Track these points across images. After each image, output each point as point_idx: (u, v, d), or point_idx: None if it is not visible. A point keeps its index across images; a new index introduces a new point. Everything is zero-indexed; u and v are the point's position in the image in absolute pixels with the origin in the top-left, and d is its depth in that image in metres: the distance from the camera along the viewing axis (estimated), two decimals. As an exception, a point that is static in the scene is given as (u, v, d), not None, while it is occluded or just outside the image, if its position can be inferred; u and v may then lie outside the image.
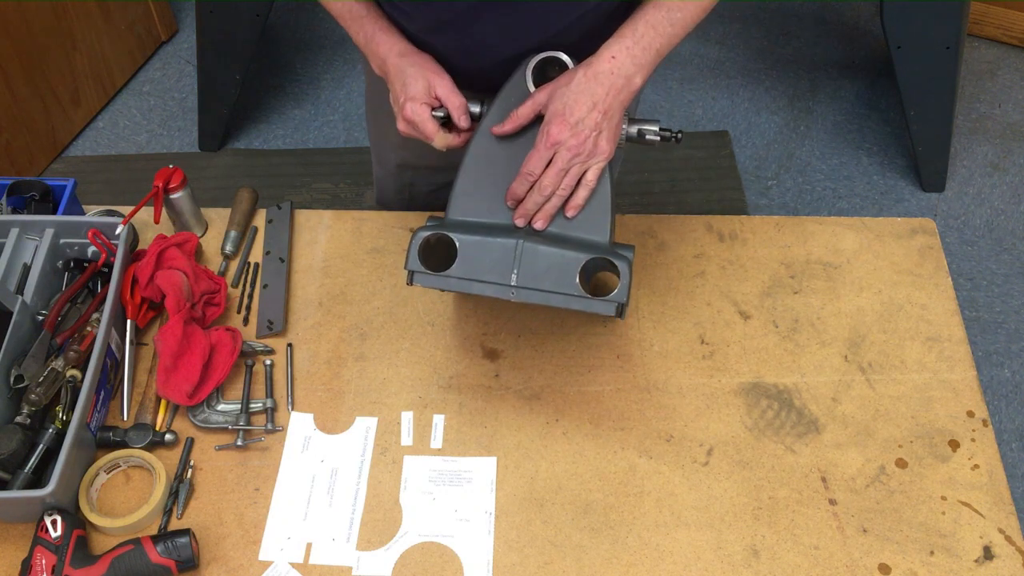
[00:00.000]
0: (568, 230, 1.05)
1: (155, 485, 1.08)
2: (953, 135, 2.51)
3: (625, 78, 1.02)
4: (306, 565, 1.06)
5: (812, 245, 1.36)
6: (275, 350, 1.24)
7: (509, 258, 1.01)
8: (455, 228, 1.04)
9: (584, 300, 1.01)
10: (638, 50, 1.02)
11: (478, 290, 1.02)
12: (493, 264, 1.01)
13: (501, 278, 1.01)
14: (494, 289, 1.02)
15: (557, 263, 1.01)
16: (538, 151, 1.02)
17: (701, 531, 1.08)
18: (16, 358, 1.13)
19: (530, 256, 1.01)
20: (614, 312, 1.00)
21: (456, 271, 1.02)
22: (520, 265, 1.01)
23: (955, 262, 2.37)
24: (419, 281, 1.04)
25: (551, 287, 1.01)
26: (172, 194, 1.30)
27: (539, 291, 1.01)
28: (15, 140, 2.45)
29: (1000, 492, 1.11)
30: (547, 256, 1.01)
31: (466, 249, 1.02)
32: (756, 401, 1.20)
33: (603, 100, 1.01)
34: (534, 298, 1.01)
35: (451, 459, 1.15)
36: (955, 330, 1.26)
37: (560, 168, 1.02)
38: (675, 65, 2.89)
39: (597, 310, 1.01)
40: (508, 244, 1.01)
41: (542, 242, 1.02)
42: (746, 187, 2.54)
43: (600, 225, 1.05)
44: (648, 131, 1.09)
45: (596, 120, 1.01)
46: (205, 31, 2.45)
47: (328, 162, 2.63)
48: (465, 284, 1.02)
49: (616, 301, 1.00)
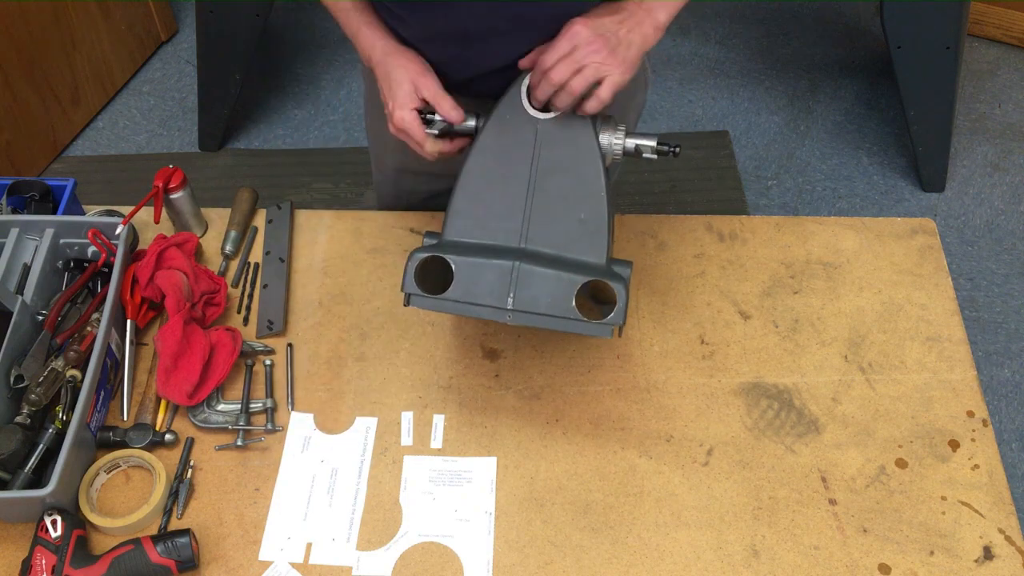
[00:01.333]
0: (564, 251, 1.04)
1: (155, 485, 1.08)
2: (953, 135, 2.51)
3: (647, 10, 1.02)
4: (306, 565, 1.06)
5: (812, 245, 1.36)
6: (275, 350, 1.24)
7: (506, 280, 1.01)
8: (452, 249, 1.03)
9: (581, 324, 1.00)
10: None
11: (475, 313, 1.02)
12: (490, 287, 1.01)
13: (498, 301, 1.01)
14: (491, 312, 1.01)
15: (553, 285, 1.00)
16: (556, 46, 1.00)
17: (701, 531, 1.08)
18: (16, 358, 1.13)
19: (526, 278, 1.01)
20: (611, 334, 1.00)
21: (452, 294, 1.02)
22: (516, 288, 1.01)
23: (955, 262, 2.37)
24: (416, 303, 1.03)
25: (547, 310, 1.01)
26: (172, 194, 1.30)
27: (535, 314, 1.01)
28: (15, 140, 2.45)
29: (1000, 492, 1.11)
30: (543, 278, 1.01)
31: (462, 271, 1.02)
32: (756, 401, 1.20)
33: (628, 19, 1.01)
34: (530, 321, 1.01)
35: (451, 459, 1.15)
36: (955, 330, 1.26)
37: (575, 60, 0.99)
38: (675, 65, 2.89)
39: (594, 333, 1.01)
40: (505, 266, 1.01)
41: (539, 264, 1.01)
42: (746, 187, 2.54)
43: (597, 245, 1.04)
44: (645, 147, 1.07)
45: (621, 33, 1.00)
46: (205, 31, 2.45)
47: (328, 162, 2.63)
48: (462, 307, 1.02)
49: (613, 324, 1.00)
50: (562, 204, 1.05)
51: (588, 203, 1.04)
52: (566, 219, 1.05)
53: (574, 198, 1.05)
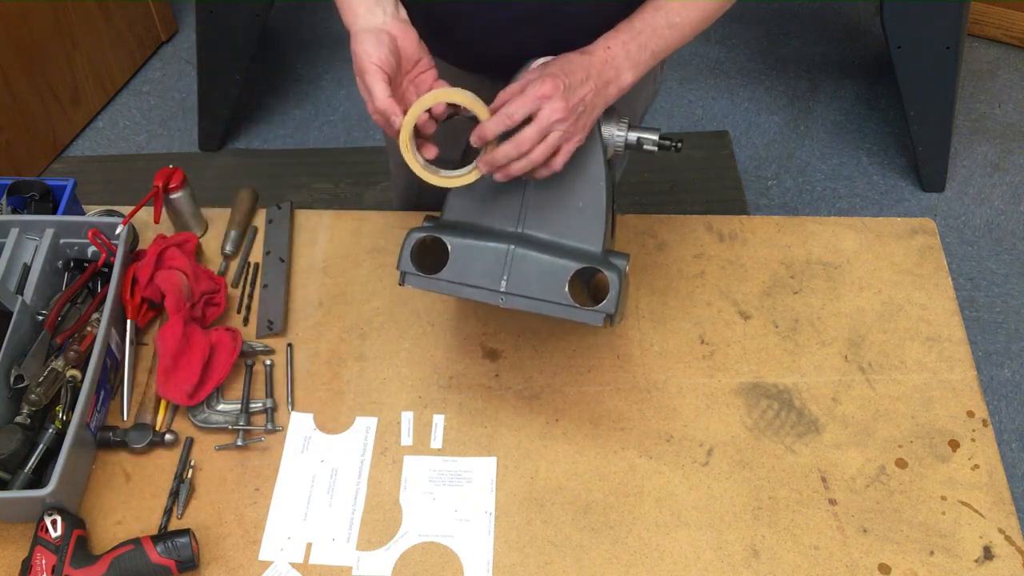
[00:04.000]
0: (561, 237, 1.04)
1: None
2: (953, 135, 2.51)
3: (616, 70, 1.00)
4: (306, 565, 1.06)
5: (812, 245, 1.36)
6: (275, 350, 1.24)
7: (500, 263, 1.01)
8: (449, 230, 1.04)
9: (571, 309, 1.00)
10: (634, 47, 1.00)
11: (468, 294, 1.02)
12: (484, 269, 1.01)
13: (491, 283, 1.01)
14: (483, 294, 1.02)
15: (547, 271, 1.00)
16: (525, 98, 0.95)
17: (701, 531, 1.08)
18: (16, 358, 1.13)
19: (520, 262, 1.01)
20: (602, 322, 1.00)
21: (447, 274, 1.02)
22: (510, 271, 1.01)
23: (955, 262, 2.37)
24: (410, 282, 1.04)
25: (540, 295, 1.00)
26: (172, 194, 1.30)
27: (527, 298, 1.01)
28: (15, 140, 2.45)
29: (1000, 492, 1.11)
30: (538, 263, 1.01)
31: (457, 252, 1.02)
32: (756, 401, 1.20)
33: (595, 80, 0.98)
34: (522, 304, 1.01)
35: (451, 459, 1.15)
36: (955, 330, 1.26)
37: (543, 128, 0.95)
38: (675, 65, 2.89)
39: (584, 320, 1.00)
40: (500, 249, 1.01)
41: (533, 248, 1.01)
42: (746, 187, 2.54)
43: (594, 234, 1.04)
44: (647, 140, 1.07)
45: (586, 95, 0.97)
46: (205, 31, 2.45)
47: (328, 162, 2.63)
48: (455, 288, 1.02)
49: (604, 312, 1.00)
50: (561, 192, 1.05)
51: (587, 192, 1.04)
52: (564, 206, 1.05)
53: (573, 186, 1.05)
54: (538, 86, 0.95)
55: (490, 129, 0.96)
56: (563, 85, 0.95)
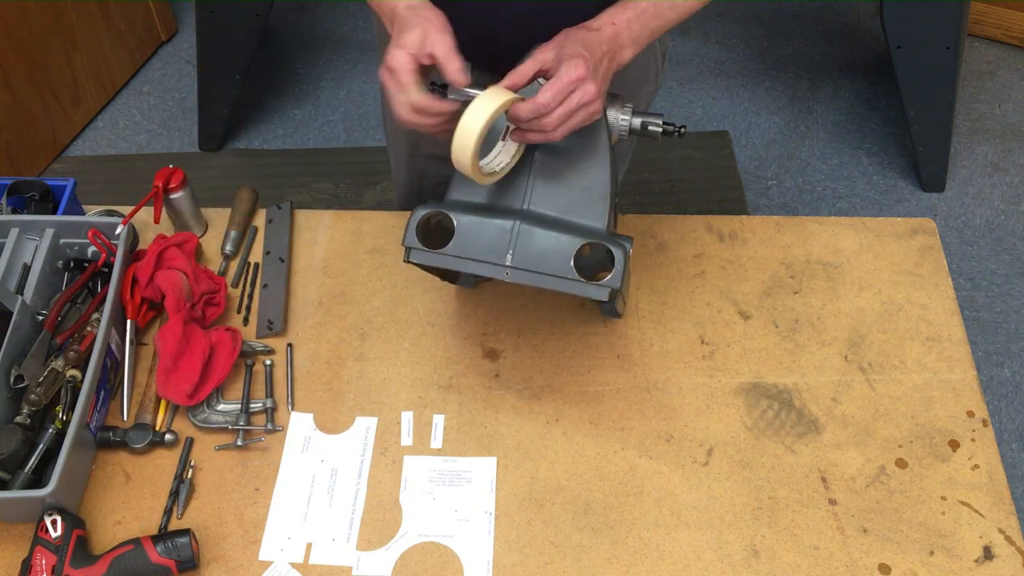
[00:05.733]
0: (565, 215, 1.05)
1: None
2: (953, 135, 2.51)
3: (618, 46, 1.00)
4: (306, 565, 1.06)
5: (812, 245, 1.36)
6: (275, 350, 1.24)
7: (505, 239, 1.01)
8: (455, 207, 1.04)
9: (577, 284, 1.00)
10: (637, 25, 1.01)
11: (472, 268, 1.02)
12: (489, 244, 1.02)
13: (496, 258, 1.01)
14: (489, 268, 1.02)
15: (552, 246, 1.01)
16: (560, 83, 0.95)
17: (701, 531, 1.08)
18: (16, 358, 1.13)
19: (526, 238, 1.01)
20: (607, 296, 1.00)
21: (452, 249, 1.02)
22: (516, 246, 1.01)
23: (955, 262, 2.37)
24: (415, 257, 1.04)
25: (545, 269, 1.01)
26: (172, 194, 1.30)
27: (533, 272, 1.01)
28: (15, 140, 2.45)
29: (1000, 492, 1.11)
30: (543, 239, 1.01)
31: (463, 228, 1.02)
32: (756, 401, 1.20)
33: (608, 57, 0.99)
34: (527, 279, 1.01)
35: (451, 459, 1.15)
36: (955, 330, 1.26)
37: (571, 109, 0.96)
38: (675, 65, 2.89)
39: (590, 294, 1.00)
40: (505, 225, 1.02)
41: (539, 225, 1.02)
42: (746, 187, 2.54)
43: (598, 212, 1.04)
44: (651, 123, 1.08)
45: (607, 73, 0.99)
46: (205, 31, 2.46)
47: (328, 162, 2.63)
48: (460, 262, 1.03)
49: (610, 286, 1.00)
50: (566, 171, 1.06)
51: (592, 172, 1.05)
52: (569, 186, 1.06)
53: (578, 167, 1.06)
54: (571, 70, 0.95)
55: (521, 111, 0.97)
56: (591, 67, 0.96)
